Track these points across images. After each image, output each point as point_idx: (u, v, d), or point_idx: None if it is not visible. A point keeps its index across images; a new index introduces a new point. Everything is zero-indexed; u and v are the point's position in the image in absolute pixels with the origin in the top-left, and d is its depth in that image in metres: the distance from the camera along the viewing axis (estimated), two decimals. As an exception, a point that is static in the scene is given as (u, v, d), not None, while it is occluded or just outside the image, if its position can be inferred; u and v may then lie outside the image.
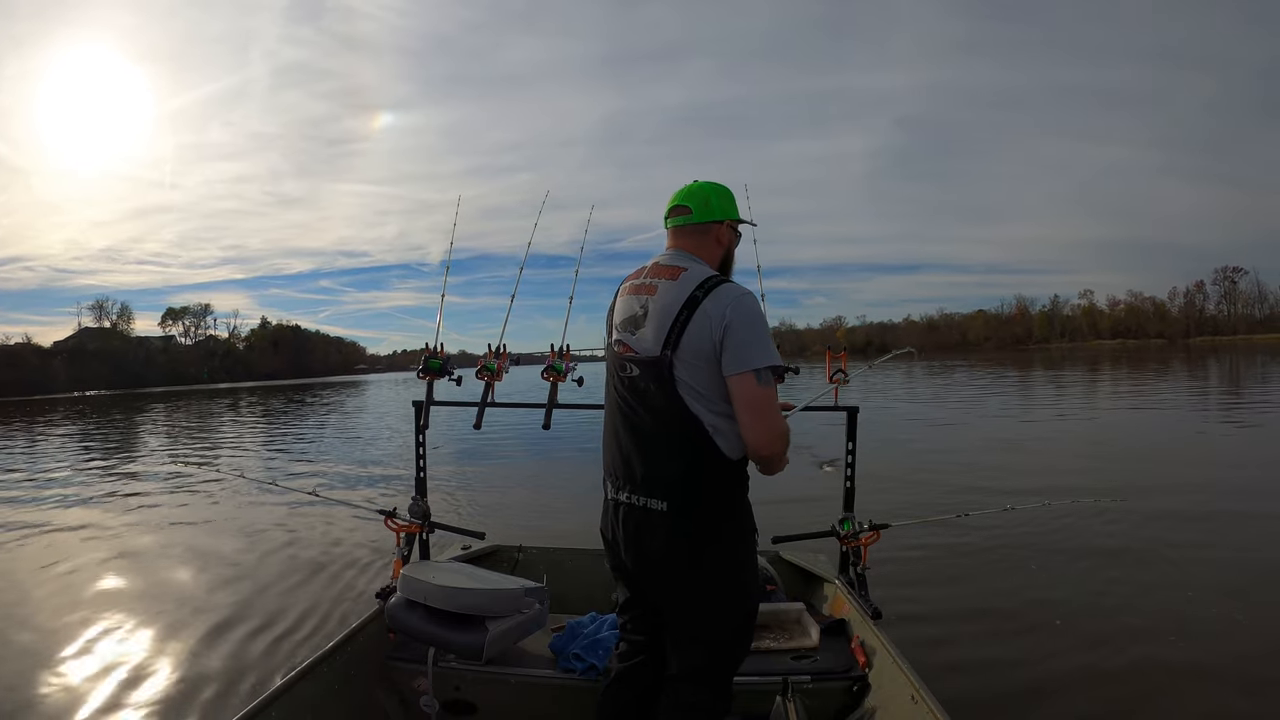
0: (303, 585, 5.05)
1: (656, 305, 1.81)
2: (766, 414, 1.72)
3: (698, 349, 1.73)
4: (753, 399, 1.71)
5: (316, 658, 2.40)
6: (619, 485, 1.87)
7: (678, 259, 1.89)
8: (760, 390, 1.71)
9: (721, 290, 1.76)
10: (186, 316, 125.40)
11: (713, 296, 1.75)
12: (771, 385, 1.74)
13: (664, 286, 1.82)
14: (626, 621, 2.05)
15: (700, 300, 1.75)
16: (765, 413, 1.72)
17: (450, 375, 3.10)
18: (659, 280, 1.85)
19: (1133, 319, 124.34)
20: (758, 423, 1.71)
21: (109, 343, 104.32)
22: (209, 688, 3.49)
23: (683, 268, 1.84)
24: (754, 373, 1.70)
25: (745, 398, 1.71)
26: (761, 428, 1.72)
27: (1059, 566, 4.93)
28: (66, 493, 9.69)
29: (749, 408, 1.71)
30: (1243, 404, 16.72)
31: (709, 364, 1.73)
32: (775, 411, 1.75)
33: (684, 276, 1.81)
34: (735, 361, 1.70)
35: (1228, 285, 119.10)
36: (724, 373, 1.72)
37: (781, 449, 1.76)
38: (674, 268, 1.85)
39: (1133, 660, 3.51)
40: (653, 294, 1.84)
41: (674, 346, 1.75)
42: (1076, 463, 9.12)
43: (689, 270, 1.83)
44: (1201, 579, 4.58)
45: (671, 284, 1.81)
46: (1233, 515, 6.17)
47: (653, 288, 1.85)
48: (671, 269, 1.85)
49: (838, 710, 2.46)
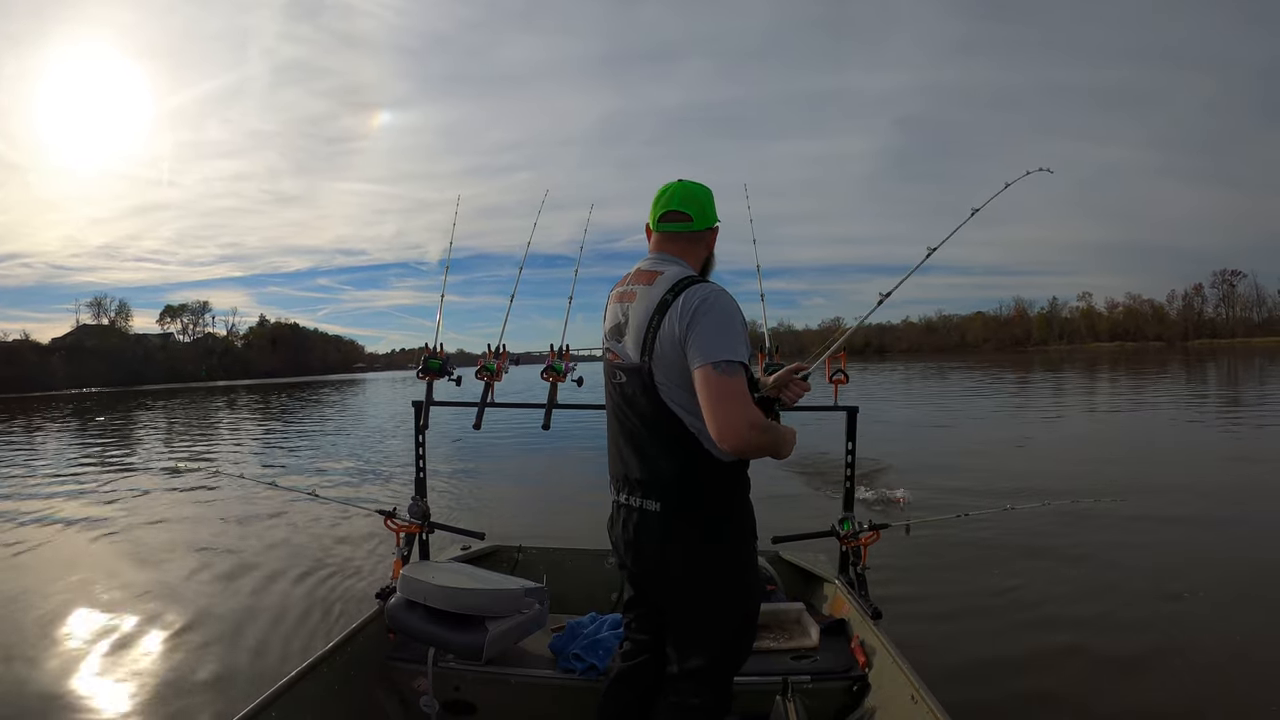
0: (302, 585, 5.04)
1: (634, 313, 1.82)
2: (727, 401, 1.63)
3: (669, 353, 1.73)
4: (712, 389, 1.64)
5: (316, 658, 2.40)
6: (620, 488, 1.90)
7: (657, 263, 1.88)
8: (716, 378, 1.63)
9: (689, 291, 1.74)
10: (185, 314, 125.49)
11: (682, 297, 1.74)
12: (734, 375, 1.65)
13: (640, 293, 1.83)
14: (631, 620, 2.06)
15: (670, 303, 1.74)
16: (726, 399, 1.63)
17: (450, 375, 3.10)
18: (637, 286, 1.85)
19: (1131, 321, 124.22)
20: (718, 412, 1.63)
21: (107, 340, 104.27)
22: (208, 688, 3.49)
23: (659, 271, 1.84)
24: (711, 365, 1.64)
25: (704, 389, 1.65)
26: (724, 417, 1.63)
27: (1059, 567, 4.93)
28: (65, 491, 9.68)
29: (707, 399, 1.64)
30: (1241, 407, 16.75)
31: (679, 366, 1.72)
32: (738, 399, 1.64)
33: (659, 280, 1.81)
34: (696, 355, 1.67)
35: (1226, 288, 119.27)
36: (690, 366, 1.68)
37: (754, 439, 1.66)
38: (651, 272, 1.85)
39: (1133, 660, 3.51)
40: (632, 301, 1.84)
41: (650, 353, 1.76)
42: (1076, 463, 9.14)
43: (664, 274, 1.82)
44: (1203, 579, 4.58)
45: (647, 289, 1.82)
46: (1234, 515, 6.19)
47: (632, 294, 1.85)
48: (649, 274, 1.85)
49: (838, 710, 2.46)
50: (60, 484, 10.38)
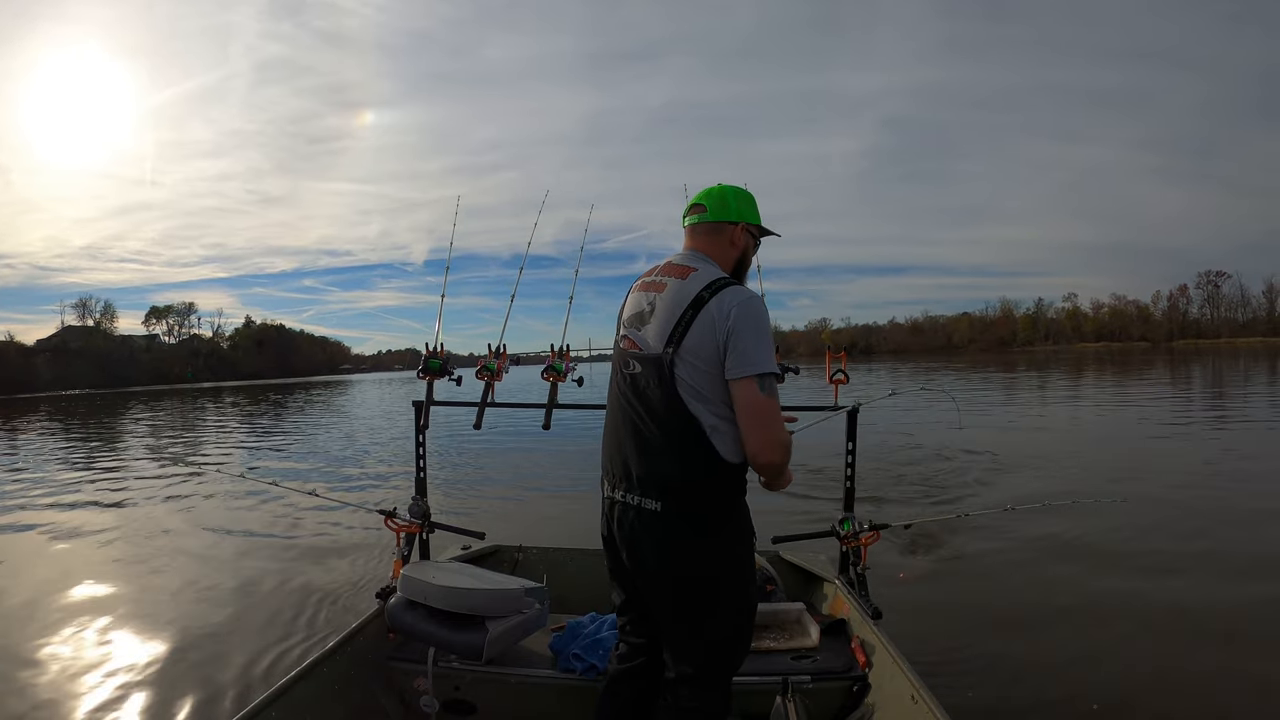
0: (302, 585, 5.00)
1: (663, 303, 1.82)
2: (768, 422, 1.72)
3: (699, 349, 1.73)
4: (755, 406, 1.70)
5: (316, 658, 2.39)
6: (615, 484, 1.87)
7: (690, 259, 1.90)
8: (763, 399, 1.70)
9: (728, 292, 1.76)
10: (170, 315, 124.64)
11: (719, 297, 1.75)
12: (774, 394, 1.73)
13: (672, 285, 1.83)
14: (625, 623, 2.04)
15: (706, 300, 1.75)
16: (767, 421, 1.72)
17: (450, 375, 3.10)
18: (668, 278, 1.86)
19: (1116, 322, 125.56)
20: (759, 431, 1.71)
21: (92, 341, 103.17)
22: (208, 688, 3.45)
23: (693, 268, 1.85)
24: (757, 379, 1.70)
25: (747, 405, 1.71)
26: (763, 436, 1.71)
27: (1059, 567, 4.91)
28: (57, 492, 9.56)
29: (751, 415, 1.71)
30: (1230, 403, 16.92)
31: (710, 365, 1.73)
32: (777, 421, 1.74)
33: (693, 276, 1.82)
34: (738, 366, 1.70)
35: (1211, 289, 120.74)
36: (727, 376, 1.71)
37: (782, 459, 1.74)
38: (685, 267, 1.86)
39: (1134, 661, 3.50)
40: (661, 291, 1.85)
41: (676, 344, 1.75)
42: (1076, 463, 9.06)
43: (699, 270, 1.84)
44: (1204, 579, 4.59)
45: (680, 282, 1.82)
46: (1234, 517, 6.16)
47: (662, 285, 1.86)
48: (682, 268, 1.86)
49: (838, 710, 2.47)
50: (51, 485, 10.26)
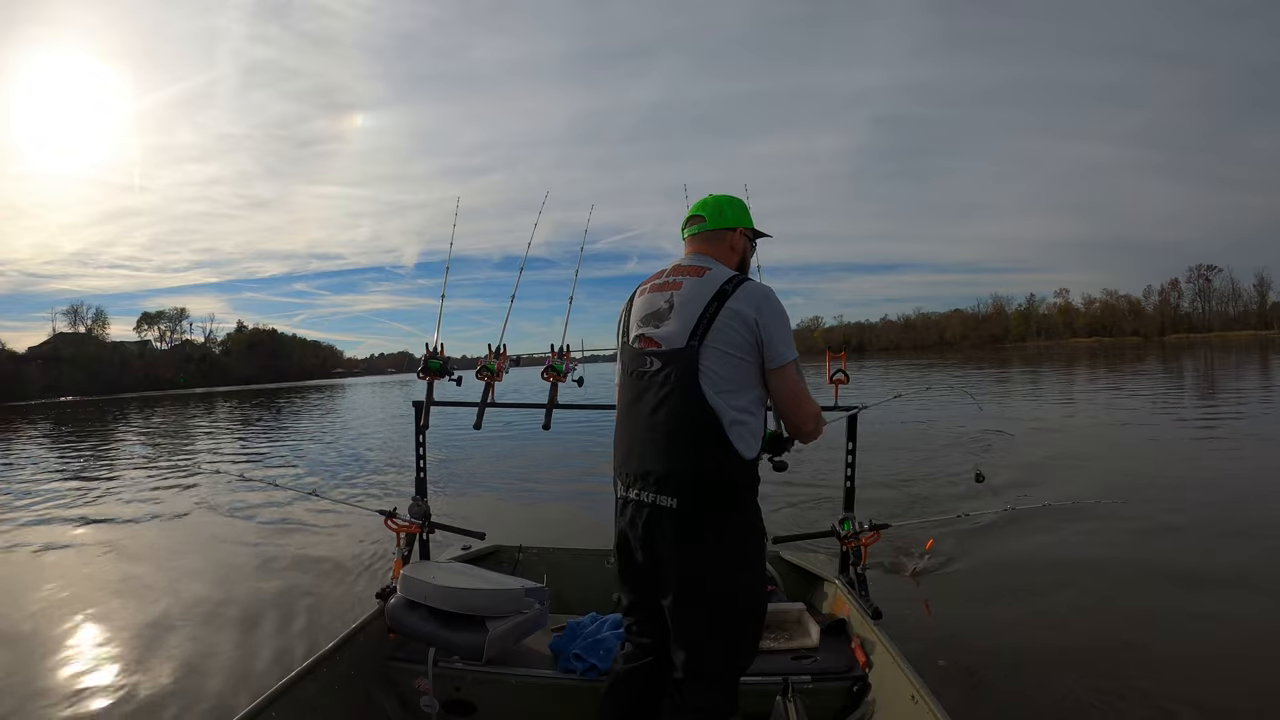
0: (303, 585, 5.00)
1: (683, 298, 1.87)
2: (804, 401, 1.89)
3: (729, 340, 1.79)
4: (794, 390, 1.87)
5: (316, 658, 2.38)
6: (630, 483, 1.87)
7: (699, 260, 1.97)
8: (798, 382, 1.88)
9: (750, 287, 1.85)
10: (162, 321, 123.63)
11: (743, 291, 1.83)
12: (803, 376, 1.90)
13: (690, 282, 1.89)
14: (633, 624, 2.03)
15: (729, 294, 1.82)
16: (803, 400, 1.89)
17: (450, 375, 3.10)
18: (684, 277, 1.92)
19: (1108, 317, 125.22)
20: (800, 409, 1.89)
21: (84, 348, 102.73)
22: (208, 688, 3.45)
23: (706, 267, 1.93)
24: (792, 364, 1.85)
25: (788, 389, 1.86)
26: (803, 411, 1.89)
27: (1060, 567, 4.90)
28: (58, 497, 9.52)
29: (791, 398, 1.87)
30: (1226, 401, 16.91)
31: (740, 357, 1.79)
32: (809, 397, 1.91)
33: (709, 274, 1.90)
34: (776, 356, 1.81)
35: (1202, 283, 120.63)
36: (767, 367, 1.82)
37: (820, 427, 1.96)
38: (698, 267, 1.93)
39: (1134, 661, 3.49)
40: (678, 289, 1.89)
41: (701, 338, 1.79)
42: (1076, 463, 9.00)
43: (713, 270, 1.92)
44: (1205, 579, 4.58)
45: (698, 280, 1.89)
46: (1236, 515, 6.12)
47: (678, 284, 1.91)
48: (696, 268, 1.93)
49: (838, 710, 2.47)
50: (50, 490, 10.19)
